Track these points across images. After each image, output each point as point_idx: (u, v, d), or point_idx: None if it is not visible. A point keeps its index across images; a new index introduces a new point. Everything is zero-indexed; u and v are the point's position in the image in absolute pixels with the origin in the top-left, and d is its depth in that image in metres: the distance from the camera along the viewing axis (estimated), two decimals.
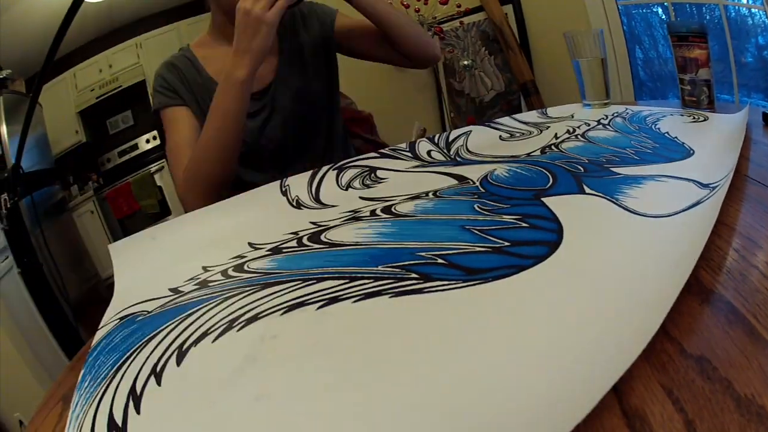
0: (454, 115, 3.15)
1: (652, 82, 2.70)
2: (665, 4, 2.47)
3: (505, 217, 0.54)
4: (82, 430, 0.42)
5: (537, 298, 0.38)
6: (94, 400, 0.46)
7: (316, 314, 0.44)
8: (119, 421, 0.41)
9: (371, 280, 0.47)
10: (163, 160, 5.40)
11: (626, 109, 0.99)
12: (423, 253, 0.50)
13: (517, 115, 1.03)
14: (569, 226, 0.49)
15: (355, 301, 0.45)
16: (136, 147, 5.67)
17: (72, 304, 3.51)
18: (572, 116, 1.00)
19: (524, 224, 0.51)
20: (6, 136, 3.36)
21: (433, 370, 0.34)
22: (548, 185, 0.61)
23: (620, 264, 0.41)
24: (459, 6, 2.98)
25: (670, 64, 2.44)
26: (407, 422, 0.30)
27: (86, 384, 0.50)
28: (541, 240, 0.47)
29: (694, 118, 0.86)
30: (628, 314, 0.35)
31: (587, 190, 0.58)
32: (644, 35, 2.68)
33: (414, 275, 0.46)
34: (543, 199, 0.57)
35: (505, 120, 1.00)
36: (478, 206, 0.59)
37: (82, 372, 0.53)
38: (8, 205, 3.16)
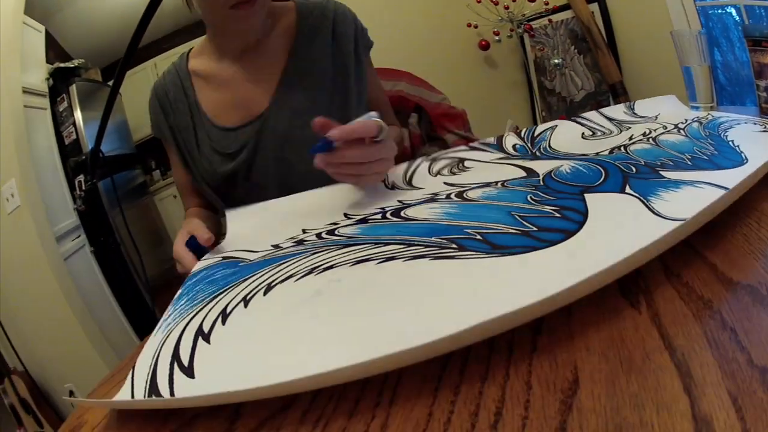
0: (545, 114, 3.18)
1: (731, 87, 2.63)
2: (738, 5, 2.42)
3: (546, 207, 0.62)
4: (171, 334, 0.58)
5: (529, 268, 0.48)
6: (188, 315, 0.62)
7: (374, 267, 0.58)
8: (206, 330, 0.56)
9: (422, 247, 0.60)
10: None
11: (708, 114, 0.98)
12: (469, 230, 0.60)
13: (603, 110, 1.05)
14: (593, 219, 0.55)
15: (404, 261, 0.58)
16: None
17: (147, 284, 3.60)
18: (656, 117, 1.01)
19: (557, 215, 0.59)
20: (81, 122, 3.47)
21: (441, 303, 0.47)
22: (597, 182, 0.67)
23: (615, 253, 0.43)
24: (547, 3, 3.01)
25: (746, 68, 2.37)
26: (416, 332, 0.40)
27: (182, 302, 0.67)
28: (562, 229, 0.54)
29: (765, 127, 0.85)
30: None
31: (627, 189, 0.62)
32: (721, 37, 2.62)
33: (454, 246, 0.57)
34: (586, 194, 0.63)
35: (591, 115, 1.04)
36: (530, 197, 0.67)
37: (179, 292, 0.71)
38: (83, 187, 3.25)
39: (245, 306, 0.59)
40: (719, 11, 2.60)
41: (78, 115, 3.52)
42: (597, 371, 0.35)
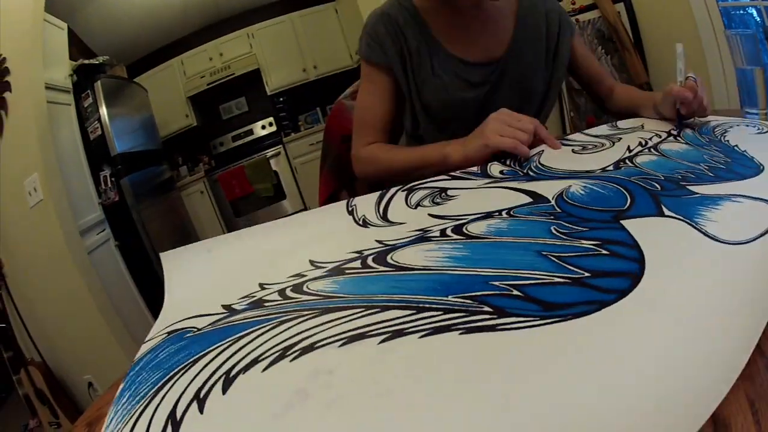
0: (573, 114, 3.12)
1: None
2: (759, 6, 2.39)
3: (583, 242, 0.51)
4: None
5: (620, 339, 0.36)
6: (130, 419, 0.45)
7: (377, 348, 0.42)
8: None
9: (440, 312, 0.45)
10: (280, 146, 5.64)
11: (694, 119, 0.96)
12: (497, 282, 0.47)
13: (588, 130, 1.01)
14: (651, 254, 0.46)
15: (421, 336, 0.42)
16: (251, 132, 6.00)
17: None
18: (642, 126, 0.97)
19: (604, 251, 0.49)
20: (106, 117, 3.56)
21: (505, 422, 0.31)
22: (626, 205, 0.59)
23: (704, 298, 0.39)
24: (573, 3, 2.98)
25: None
26: None
27: (124, 400, 0.49)
28: (623, 271, 0.44)
29: (759, 129, 0.83)
30: (716, 352, 0.34)
31: (666, 211, 0.55)
32: None
33: (487, 308, 0.43)
34: (622, 221, 0.54)
35: (576, 136, 0.98)
36: (554, 228, 0.56)
37: (120, 387, 0.53)
38: (108, 183, 3.47)
39: (200, 410, 0.43)
40: (740, 12, 2.60)
41: (103, 110, 3.59)
42: None
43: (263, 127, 6.00)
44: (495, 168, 0.87)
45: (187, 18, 5.53)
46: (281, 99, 5.91)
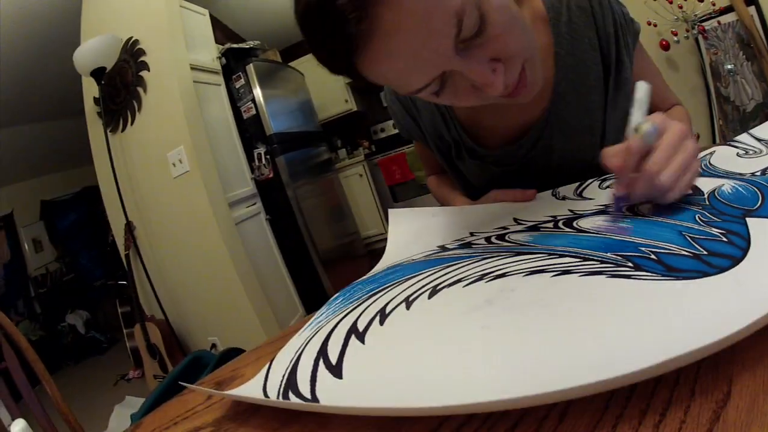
0: (722, 122, 3.02)
1: None
2: None
3: (714, 230, 0.59)
4: (320, 331, 0.56)
5: (707, 297, 0.45)
6: (341, 313, 0.60)
7: (549, 280, 0.55)
8: (361, 328, 0.54)
9: (598, 262, 0.57)
10: None
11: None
12: (643, 248, 0.58)
13: (753, 130, 1.01)
14: (755, 247, 0.53)
15: (580, 276, 0.54)
16: None
17: (322, 255, 3.82)
18: None
19: (725, 239, 0.56)
20: (261, 98, 3.74)
21: (620, 332, 0.42)
22: (756, 206, 0.64)
23: None
24: (713, 4, 2.90)
25: None
26: (585, 370, 0.37)
27: (337, 301, 0.65)
28: (729, 254, 0.52)
29: None
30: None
31: None
32: None
33: (630, 264, 0.55)
34: (747, 218, 0.60)
35: (743, 137, 0.99)
36: (698, 216, 0.64)
37: (335, 295, 0.69)
38: (263, 160, 3.65)
39: (407, 308, 0.57)
40: None
41: (257, 91, 3.80)
42: (745, 387, 0.35)
43: None
44: None
45: None
46: None
